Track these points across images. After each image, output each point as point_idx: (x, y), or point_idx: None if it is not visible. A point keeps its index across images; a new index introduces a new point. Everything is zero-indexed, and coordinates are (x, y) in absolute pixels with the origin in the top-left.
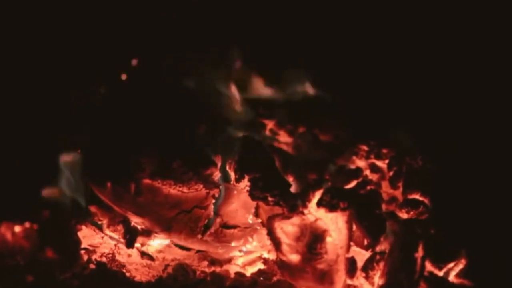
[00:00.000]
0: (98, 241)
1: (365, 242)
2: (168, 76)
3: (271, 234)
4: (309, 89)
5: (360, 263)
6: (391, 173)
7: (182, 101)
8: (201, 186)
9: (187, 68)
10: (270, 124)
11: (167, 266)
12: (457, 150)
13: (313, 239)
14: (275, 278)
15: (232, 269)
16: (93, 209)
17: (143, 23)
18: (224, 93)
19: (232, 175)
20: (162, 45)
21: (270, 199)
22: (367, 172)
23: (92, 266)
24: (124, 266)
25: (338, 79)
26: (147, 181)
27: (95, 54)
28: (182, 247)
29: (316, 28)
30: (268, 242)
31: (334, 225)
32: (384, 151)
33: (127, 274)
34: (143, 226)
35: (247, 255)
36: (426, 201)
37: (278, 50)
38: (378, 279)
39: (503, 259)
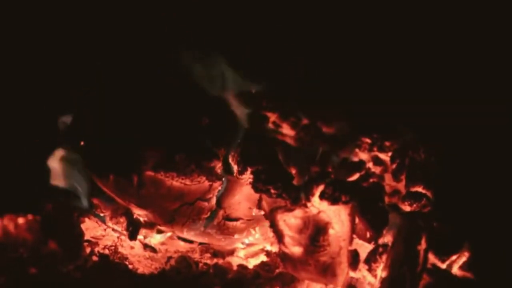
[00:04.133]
0: (101, 233)
1: (368, 235)
2: (171, 69)
3: (274, 226)
4: (313, 82)
5: (363, 256)
6: (394, 166)
7: (185, 94)
8: (204, 178)
9: (190, 61)
10: (273, 117)
11: (169, 258)
12: (460, 143)
13: (315, 232)
14: (277, 271)
15: (235, 261)
16: (95, 201)
17: (146, 20)
18: (227, 86)
19: (235, 167)
20: (164, 40)
21: (272, 191)
22: (370, 164)
23: (95, 258)
24: (126, 258)
25: (341, 71)
26: (149, 173)
27: (98, 47)
28: (184, 240)
29: (320, 21)
30: (271, 234)
31: (336, 217)
32: (387, 143)
33: (130, 266)
34: (146, 219)
35: (250, 247)
36: (429, 194)
37: (282, 43)
38: (381, 272)
39: (506, 252)
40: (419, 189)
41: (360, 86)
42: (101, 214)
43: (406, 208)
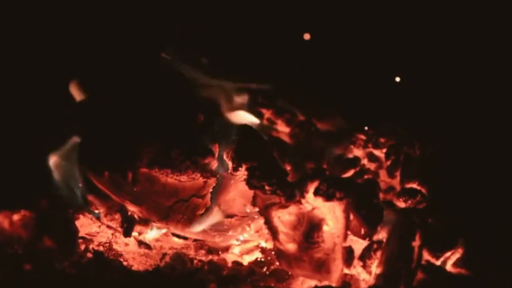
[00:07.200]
0: (96, 230)
1: (362, 231)
2: (166, 66)
3: (268, 223)
4: (308, 78)
5: (357, 252)
6: (388, 162)
7: (180, 90)
8: (199, 175)
9: (185, 58)
10: (267, 113)
11: (164, 255)
12: (455, 139)
13: (310, 228)
14: (272, 267)
15: (230, 258)
16: (90, 198)
17: (142, 18)
18: (222, 82)
19: (230, 164)
20: (160, 37)
21: (267, 188)
22: (365, 161)
23: (89, 255)
24: (121, 255)
25: (336, 68)
26: (144, 170)
27: (94, 44)
28: (179, 236)
29: (316, 18)
30: (265, 231)
31: (331, 214)
32: (382, 140)
33: (125, 263)
34: (140, 215)
35: (245, 244)
36: (423, 190)
37: (276, 39)
38: (375, 268)
39: (500, 248)
40: (414, 185)
41: (355, 83)
42: (96, 211)
43: (401, 204)
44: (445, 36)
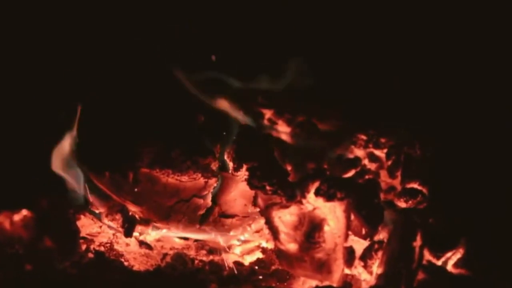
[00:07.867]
0: (97, 230)
1: (363, 231)
2: (168, 67)
3: (269, 223)
4: (308, 78)
5: (358, 252)
6: (389, 162)
7: (181, 91)
8: (199, 175)
9: (186, 58)
10: (268, 113)
11: (165, 255)
12: (455, 139)
13: (311, 228)
14: (273, 267)
15: (231, 258)
16: (91, 198)
17: (142, 18)
18: (222, 83)
19: (231, 164)
20: (162, 37)
21: (268, 188)
22: (366, 161)
23: (90, 255)
24: (122, 255)
25: (337, 68)
26: (145, 170)
27: (95, 44)
28: (180, 236)
29: (316, 18)
30: (266, 231)
31: (332, 214)
32: (383, 140)
33: (126, 263)
34: (141, 215)
35: (246, 244)
36: (424, 190)
37: (277, 39)
38: (376, 268)
39: (501, 248)
40: (415, 185)
41: (355, 83)
42: (97, 211)
43: (402, 204)
44: (445, 36)
